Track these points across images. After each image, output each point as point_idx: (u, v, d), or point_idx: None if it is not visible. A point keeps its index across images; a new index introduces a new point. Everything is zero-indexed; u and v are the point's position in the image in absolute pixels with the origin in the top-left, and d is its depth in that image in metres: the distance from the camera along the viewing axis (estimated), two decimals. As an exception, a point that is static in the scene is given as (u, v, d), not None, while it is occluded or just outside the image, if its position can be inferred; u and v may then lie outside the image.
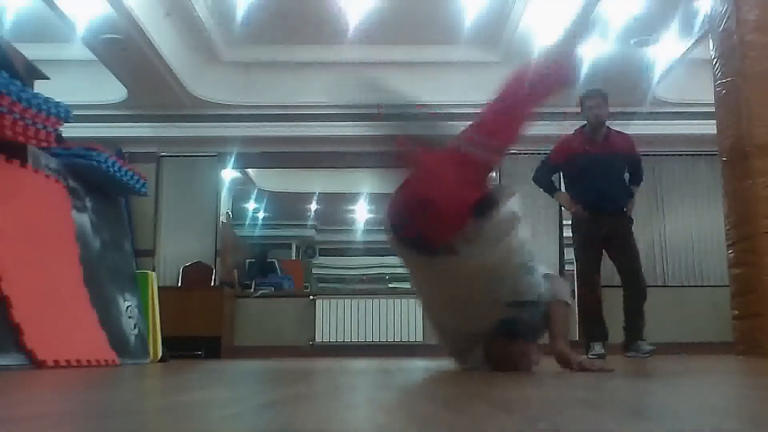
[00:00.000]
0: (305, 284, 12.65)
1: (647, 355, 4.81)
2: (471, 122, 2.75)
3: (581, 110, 5.22)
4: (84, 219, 4.41)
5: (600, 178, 5.10)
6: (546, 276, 2.55)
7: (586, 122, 5.38)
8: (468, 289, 2.36)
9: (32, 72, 4.81)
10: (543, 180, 5.51)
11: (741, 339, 4.56)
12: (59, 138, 4.21)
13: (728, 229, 4.64)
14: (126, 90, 8.15)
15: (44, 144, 3.87)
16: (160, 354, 5.23)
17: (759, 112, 4.43)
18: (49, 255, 3.83)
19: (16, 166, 3.75)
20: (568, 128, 8.82)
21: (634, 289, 5.08)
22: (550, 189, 5.54)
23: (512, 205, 2.49)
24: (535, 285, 2.43)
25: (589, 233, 5.15)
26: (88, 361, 3.66)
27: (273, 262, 12.69)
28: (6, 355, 3.14)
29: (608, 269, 5.59)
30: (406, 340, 8.60)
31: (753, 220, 4.39)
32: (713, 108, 4.93)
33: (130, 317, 4.71)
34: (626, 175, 5.47)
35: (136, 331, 4.75)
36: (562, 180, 6.11)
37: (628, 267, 5.14)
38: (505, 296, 2.38)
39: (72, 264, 4.03)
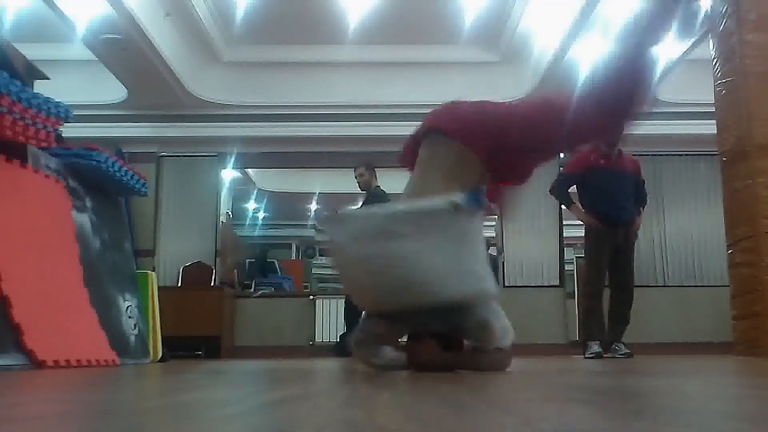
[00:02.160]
0: (305, 284, 12.66)
1: (624, 356, 5.20)
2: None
3: None
4: (84, 219, 4.41)
5: (615, 190, 5.41)
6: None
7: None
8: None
9: (32, 72, 4.81)
10: (561, 192, 5.76)
11: (741, 339, 4.56)
12: (59, 138, 4.21)
13: (728, 229, 4.64)
14: (126, 90, 8.16)
15: (44, 144, 3.87)
16: (160, 354, 5.23)
17: (759, 112, 4.42)
18: (49, 255, 3.83)
19: (16, 166, 3.75)
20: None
21: (626, 297, 5.49)
22: (567, 201, 5.74)
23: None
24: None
25: (602, 243, 5.40)
26: (88, 361, 3.66)
27: (273, 262, 12.70)
28: (6, 355, 3.14)
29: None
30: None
31: (753, 220, 4.39)
32: (713, 108, 4.93)
33: (130, 317, 4.71)
34: None
35: (136, 331, 4.75)
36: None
37: (624, 277, 5.49)
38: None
39: (72, 264, 4.03)
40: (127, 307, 4.74)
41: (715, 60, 4.78)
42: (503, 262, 9.00)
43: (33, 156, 3.94)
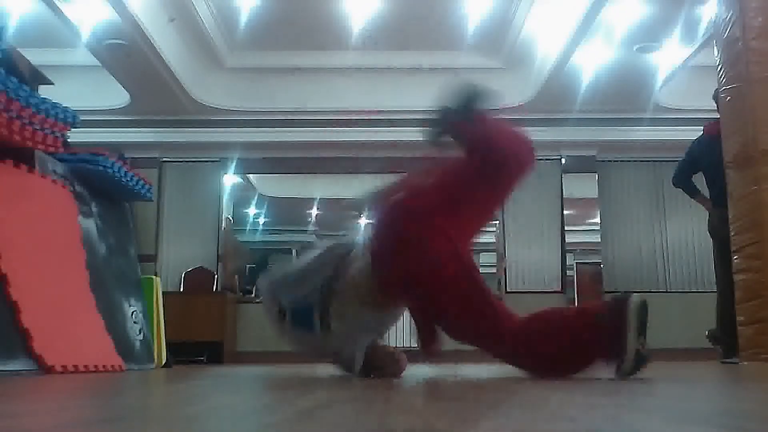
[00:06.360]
0: (305, 289, 12.61)
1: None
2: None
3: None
4: (90, 224, 4.41)
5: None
6: None
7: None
8: None
9: (37, 77, 4.80)
10: (683, 180, 5.35)
11: (746, 345, 4.56)
12: (65, 143, 4.20)
13: (734, 235, 4.64)
14: (129, 95, 8.16)
15: (51, 149, 3.87)
16: (164, 359, 5.22)
17: (764, 118, 4.43)
18: (56, 260, 3.82)
19: (23, 171, 3.75)
20: (569, 134, 8.87)
21: None
22: (692, 190, 5.35)
23: None
24: None
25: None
26: (95, 366, 3.65)
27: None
28: (15, 360, 3.13)
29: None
30: (408, 345, 8.59)
31: (759, 226, 4.39)
32: (715, 114, 4.94)
33: (135, 323, 4.70)
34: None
35: (141, 337, 4.73)
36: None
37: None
38: None
39: (79, 269, 4.02)
40: (132, 312, 4.73)
41: (719, 66, 4.79)
42: (505, 268, 9.00)
43: (40, 161, 3.94)
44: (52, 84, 4.95)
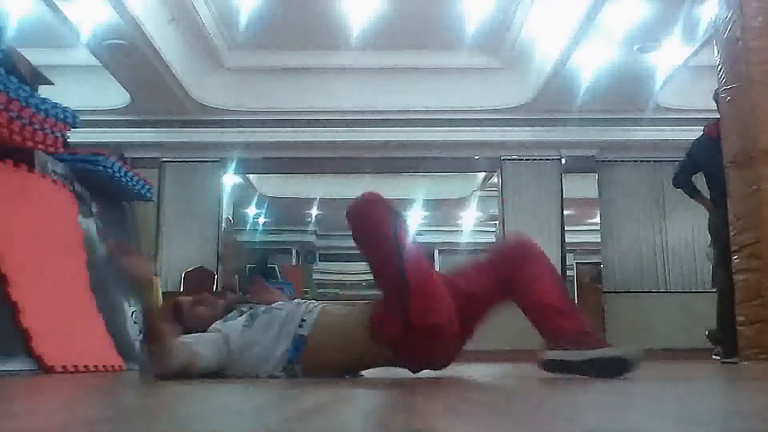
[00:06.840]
0: (305, 290, 12.66)
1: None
2: None
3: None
4: (90, 224, 4.41)
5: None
6: None
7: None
8: None
9: (37, 77, 4.81)
10: (683, 180, 5.35)
11: (746, 345, 4.56)
12: (65, 143, 4.21)
13: (734, 235, 4.64)
14: (129, 95, 8.16)
15: (51, 149, 3.87)
16: (164, 359, 5.22)
17: (764, 118, 4.42)
18: (56, 260, 3.82)
19: (23, 171, 3.75)
20: (569, 134, 8.87)
21: None
22: (691, 190, 5.35)
23: None
24: None
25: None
26: (95, 366, 3.66)
27: (273, 267, 12.72)
28: (15, 360, 3.13)
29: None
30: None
31: (759, 226, 4.39)
32: (715, 114, 4.94)
33: (135, 323, 4.70)
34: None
35: (140, 337, 4.74)
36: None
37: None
38: None
39: (79, 269, 4.03)
40: (132, 312, 4.73)
41: (719, 66, 4.79)
42: (505, 268, 8.98)
43: (40, 161, 3.94)
44: (52, 84, 4.95)
